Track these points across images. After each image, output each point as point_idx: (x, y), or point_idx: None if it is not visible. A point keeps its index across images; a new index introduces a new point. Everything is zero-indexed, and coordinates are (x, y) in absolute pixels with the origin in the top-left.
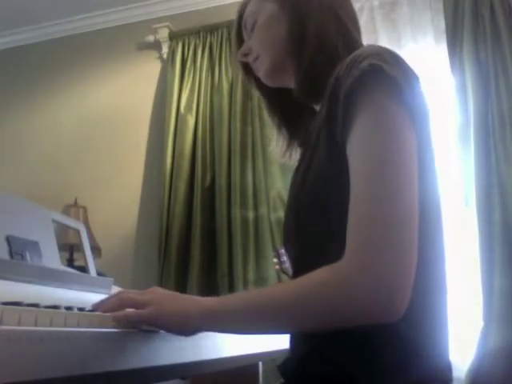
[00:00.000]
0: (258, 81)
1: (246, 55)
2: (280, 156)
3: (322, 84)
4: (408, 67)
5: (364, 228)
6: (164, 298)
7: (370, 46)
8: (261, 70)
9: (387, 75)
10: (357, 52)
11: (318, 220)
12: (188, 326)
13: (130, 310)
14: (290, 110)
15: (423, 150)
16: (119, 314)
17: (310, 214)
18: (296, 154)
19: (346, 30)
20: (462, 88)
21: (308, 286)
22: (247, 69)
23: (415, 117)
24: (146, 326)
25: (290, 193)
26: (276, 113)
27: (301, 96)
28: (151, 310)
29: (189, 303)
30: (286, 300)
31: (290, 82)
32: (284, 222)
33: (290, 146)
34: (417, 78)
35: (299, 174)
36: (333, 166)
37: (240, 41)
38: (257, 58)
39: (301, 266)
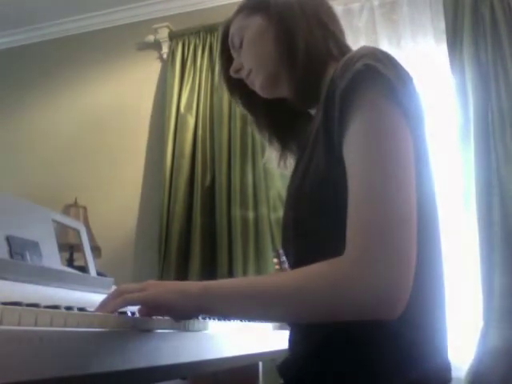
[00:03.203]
0: (243, 99)
1: (238, 71)
2: (275, 166)
3: (318, 88)
4: (402, 68)
5: (363, 227)
6: (162, 282)
7: (364, 47)
8: (256, 84)
9: (381, 75)
10: (351, 53)
11: (318, 221)
12: (187, 304)
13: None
14: (280, 122)
15: (418, 150)
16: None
17: (310, 215)
18: (292, 162)
19: (331, 33)
20: (462, 88)
21: (307, 277)
22: (232, 88)
23: (409, 116)
24: (145, 307)
25: (289, 194)
26: (265, 127)
27: (298, 103)
28: (150, 291)
29: (188, 283)
30: (286, 288)
31: (285, 91)
32: (283, 223)
33: (283, 156)
34: (411, 79)
35: (297, 175)
36: (331, 168)
37: (226, 60)
38: (250, 73)
39: (301, 267)
